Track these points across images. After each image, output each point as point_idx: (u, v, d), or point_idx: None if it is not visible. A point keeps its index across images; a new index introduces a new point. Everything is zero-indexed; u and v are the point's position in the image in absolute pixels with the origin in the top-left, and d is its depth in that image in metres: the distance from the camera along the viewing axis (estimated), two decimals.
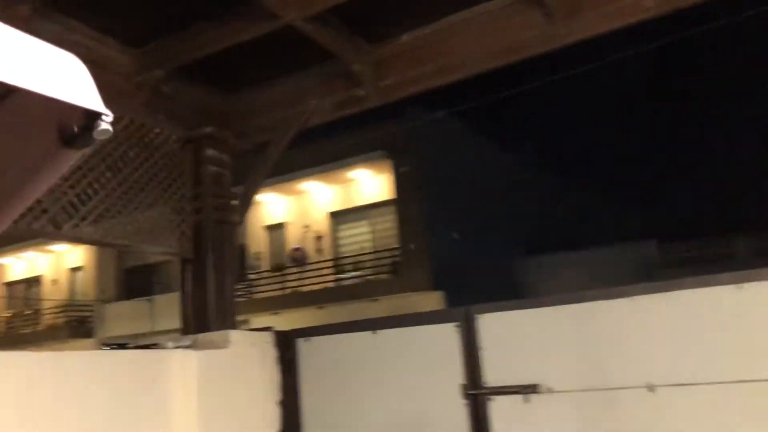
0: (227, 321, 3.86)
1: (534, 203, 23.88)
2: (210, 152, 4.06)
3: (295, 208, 21.99)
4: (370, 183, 20.45)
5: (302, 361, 3.57)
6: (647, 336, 2.62)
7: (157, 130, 3.86)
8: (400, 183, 19.01)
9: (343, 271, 20.24)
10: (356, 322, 3.53)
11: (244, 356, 3.40)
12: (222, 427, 3.13)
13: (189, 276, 3.88)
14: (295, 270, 21.12)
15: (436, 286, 18.02)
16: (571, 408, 2.75)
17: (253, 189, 4.21)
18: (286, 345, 3.61)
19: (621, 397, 2.62)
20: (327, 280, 20.16)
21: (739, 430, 2.38)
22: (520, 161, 24.49)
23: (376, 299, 18.99)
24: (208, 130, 4.08)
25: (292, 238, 21.85)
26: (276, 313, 20.76)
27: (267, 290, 21.19)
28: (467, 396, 2.99)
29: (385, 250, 19.63)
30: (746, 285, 2.52)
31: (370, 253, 20.13)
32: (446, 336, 3.05)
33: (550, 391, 2.81)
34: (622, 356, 2.67)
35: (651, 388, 2.59)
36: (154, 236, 3.62)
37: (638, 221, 26.06)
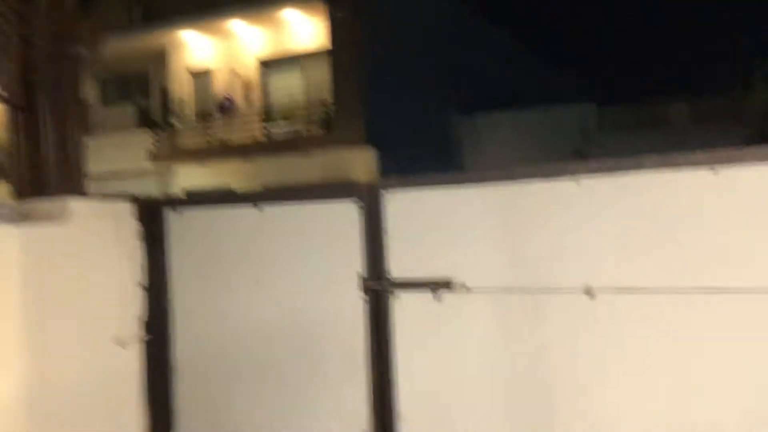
0: (73, 185, 3.09)
1: (476, 63, 23.00)
2: None
3: (222, 53, 20.45)
4: (304, 28, 19.00)
5: (171, 237, 2.89)
6: (591, 228, 2.04)
7: None
8: (336, 30, 17.67)
9: (273, 123, 19.24)
10: (237, 193, 2.84)
11: (92, 231, 2.68)
12: (61, 322, 2.49)
13: (20, 127, 3.02)
14: (221, 120, 19.99)
15: (369, 142, 17.36)
16: (490, 311, 2.22)
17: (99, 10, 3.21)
18: (150, 217, 2.90)
19: (551, 301, 2.09)
20: (256, 131, 19.17)
21: (699, 351, 1.88)
22: (464, 19, 23.25)
23: (307, 154, 18.26)
24: None
25: (219, 85, 20.48)
26: (202, 164, 19.88)
27: (192, 140, 20.10)
28: (366, 290, 2.42)
29: (318, 102, 18.62)
30: (723, 169, 1.92)
31: (302, 105, 19.09)
32: (345, 216, 2.42)
33: (466, 289, 2.26)
34: (558, 252, 2.09)
35: (590, 292, 2.06)
36: None
37: (578, 84, 25.63)
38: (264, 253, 2.65)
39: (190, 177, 20.13)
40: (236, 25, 19.58)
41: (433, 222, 2.31)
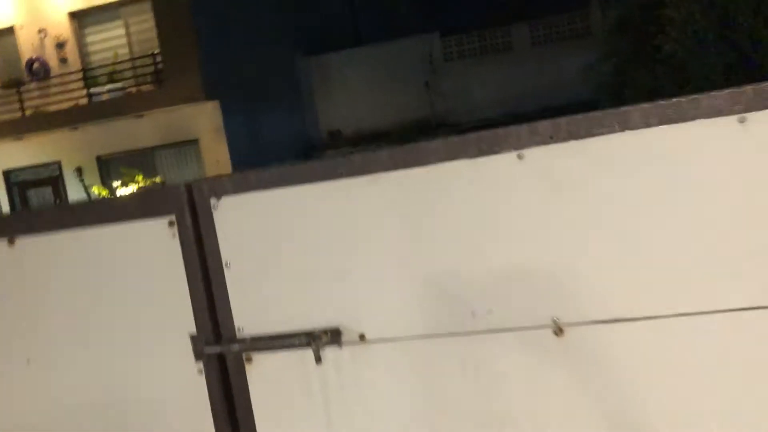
0: None
1: (312, 1, 21.75)
2: None
3: (25, 8, 17.76)
4: None
5: None
6: (539, 226, 1.29)
7: None
8: None
9: (96, 84, 17.13)
10: None
11: None
12: None
13: None
14: (35, 86, 17.54)
15: (209, 96, 15.88)
16: (401, 366, 1.43)
17: None
18: None
19: (494, 342, 1.33)
20: (78, 95, 16.99)
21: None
22: None
23: (141, 114, 16.47)
24: None
25: (26, 46, 17.88)
26: (19, 138, 17.46)
27: (1, 111, 17.52)
28: (203, 357, 1.54)
29: (145, 56, 16.74)
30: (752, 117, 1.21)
31: (127, 60, 17.10)
32: (156, 244, 1.52)
33: (363, 339, 1.44)
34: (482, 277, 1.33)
35: (558, 327, 1.31)
36: None
37: (421, 16, 25.17)
38: (31, 314, 1.67)
39: (5, 155, 17.63)
40: None
41: (293, 237, 1.45)
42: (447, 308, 1.37)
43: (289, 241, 1.45)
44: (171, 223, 1.53)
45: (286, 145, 18.75)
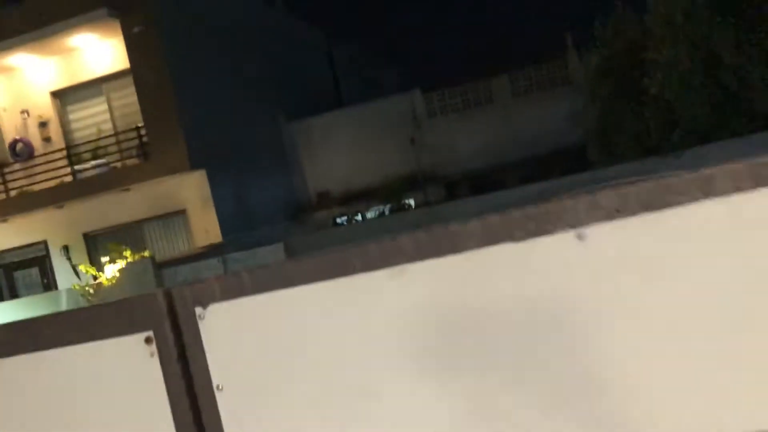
0: None
1: (295, 66, 22.00)
2: None
3: (8, 91, 17.73)
4: (99, 50, 16.87)
5: None
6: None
7: None
8: (135, 47, 15.77)
9: (81, 161, 16.97)
10: None
11: None
12: None
13: None
14: (19, 167, 17.37)
15: (195, 165, 15.72)
16: None
17: None
18: None
19: None
20: (63, 174, 16.81)
21: None
22: (276, 21, 22.10)
23: (128, 188, 16.27)
24: None
25: (9, 127, 17.79)
26: (4, 220, 17.16)
27: None
28: None
29: (129, 130, 16.65)
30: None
31: (111, 135, 17.00)
32: (130, 366, 1.24)
33: None
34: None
35: None
36: None
37: (402, 75, 25.46)
38: None
39: None
40: (22, 60, 16.98)
41: (305, 353, 1.18)
42: None
43: (295, 355, 1.18)
44: (148, 340, 1.26)
45: (276, 209, 18.54)
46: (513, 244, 1.05)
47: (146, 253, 13.39)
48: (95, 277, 13.47)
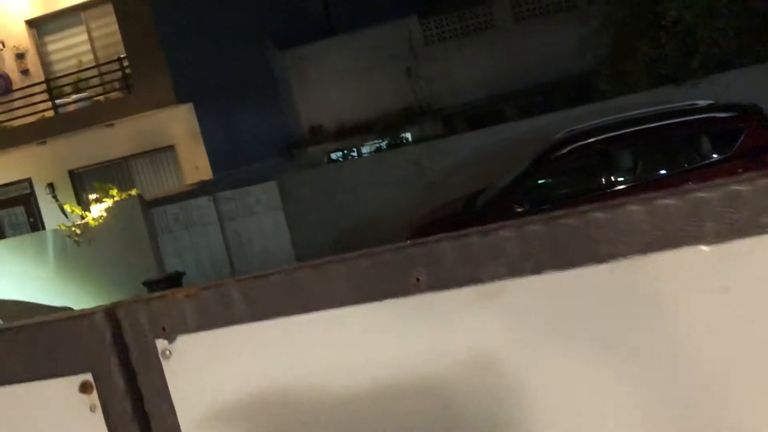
0: None
1: None
2: None
3: None
4: None
5: None
6: None
7: None
8: None
9: (62, 95, 16.18)
10: None
11: None
12: None
13: None
14: None
15: (182, 99, 14.99)
16: None
17: None
18: None
19: None
20: (43, 108, 16.05)
21: None
22: None
23: (112, 123, 15.56)
24: None
25: None
26: None
27: None
28: None
29: (111, 62, 15.80)
30: None
31: (92, 67, 16.14)
32: (60, 423, 0.78)
33: None
34: None
35: None
36: None
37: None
38: None
39: None
40: None
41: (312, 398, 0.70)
42: None
43: (312, 410, 0.69)
44: (84, 387, 0.77)
45: (267, 144, 17.89)
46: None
47: (133, 192, 12.85)
48: (82, 217, 12.95)
